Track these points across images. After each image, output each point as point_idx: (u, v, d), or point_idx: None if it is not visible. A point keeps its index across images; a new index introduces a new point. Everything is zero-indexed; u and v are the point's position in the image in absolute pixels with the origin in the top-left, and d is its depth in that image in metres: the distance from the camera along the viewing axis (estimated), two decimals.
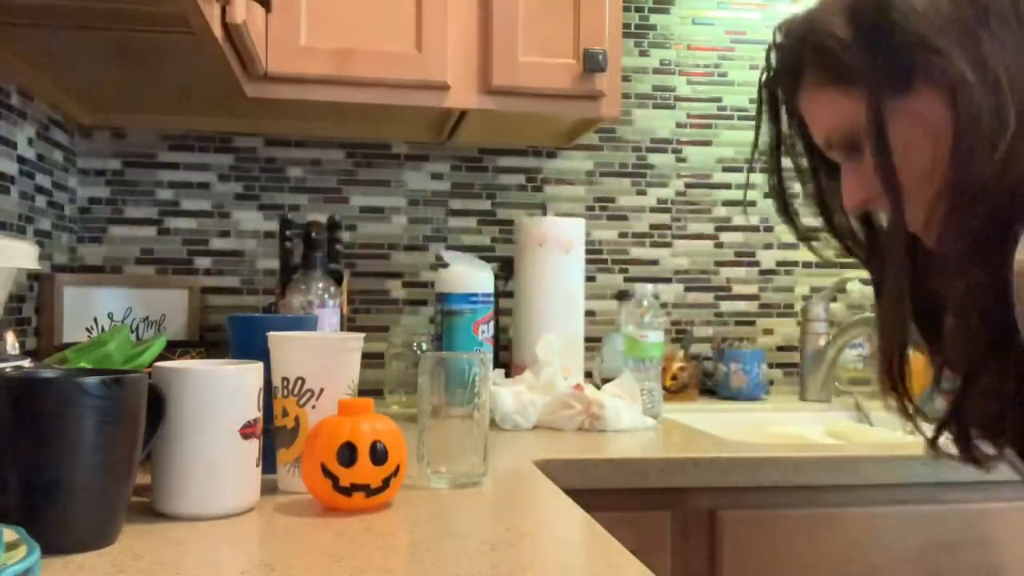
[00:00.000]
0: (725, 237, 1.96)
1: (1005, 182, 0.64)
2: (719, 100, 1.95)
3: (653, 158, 1.93)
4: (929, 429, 0.76)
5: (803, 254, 1.98)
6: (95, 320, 1.62)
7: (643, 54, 1.93)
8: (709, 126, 1.95)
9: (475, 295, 1.52)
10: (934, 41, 0.67)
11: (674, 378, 1.78)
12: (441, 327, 1.56)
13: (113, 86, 1.49)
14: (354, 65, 1.42)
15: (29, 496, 0.65)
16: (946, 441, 0.75)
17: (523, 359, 1.61)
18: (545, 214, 1.82)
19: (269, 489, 0.87)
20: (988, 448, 0.73)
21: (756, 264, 1.96)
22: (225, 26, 1.12)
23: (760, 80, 0.84)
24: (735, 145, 1.96)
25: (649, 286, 1.71)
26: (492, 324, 1.56)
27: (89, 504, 0.67)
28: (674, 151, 1.94)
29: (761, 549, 1.17)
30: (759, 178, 2.04)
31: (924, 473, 1.19)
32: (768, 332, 1.96)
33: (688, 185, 1.94)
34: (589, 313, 1.81)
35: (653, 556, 1.11)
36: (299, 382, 0.87)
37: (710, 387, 1.88)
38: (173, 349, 1.46)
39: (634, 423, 1.40)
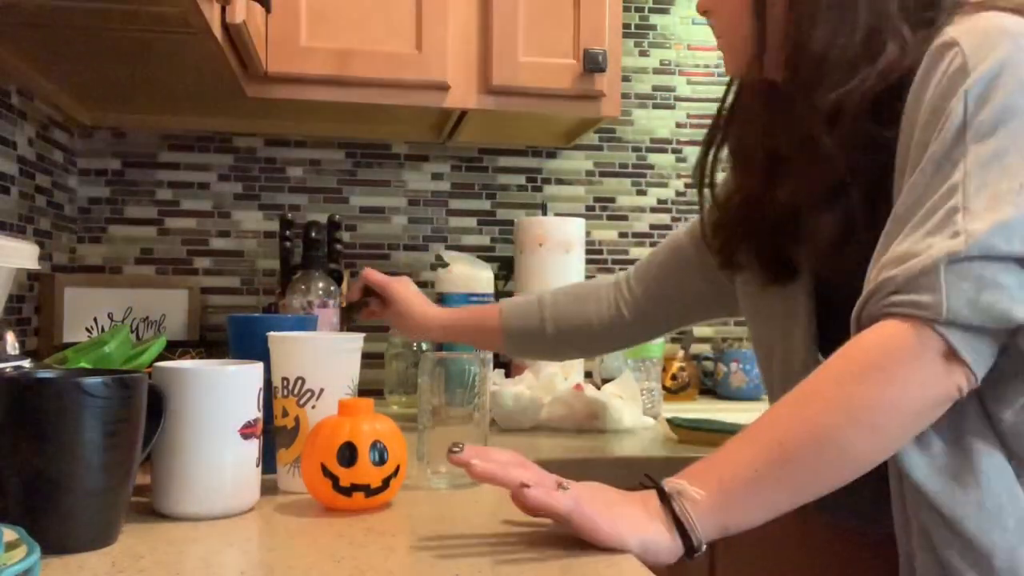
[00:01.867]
0: None
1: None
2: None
3: (653, 158, 1.93)
4: None
5: None
6: (95, 320, 1.62)
7: (643, 54, 1.93)
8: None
9: (475, 295, 1.52)
10: None
11: (674, 378, 1.78)
12: None
13: (113, 86, 1.49)
14: (354, 65, 1.42)
15: (29, 496, 0.65)
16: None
17: (523, 359, 1.61)
18: (545, 214, 1.81)
19: (269, 489, 0.87)
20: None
21: None
22: (225, 26, 1.12)
23: None
24: None
25: None
26: None
27: (89, 504, 0.67)
28: (674, 151, 1.94)
29: (761, 549, 1.17)
30: None
31: None
32: None
33: (688, 185, 1.94)
34: None
35: None
36: (299, 382, 0.87)
37: (710, 387, 1.88)
38: (173, 349, 1.46)
39: (634, 423, 1.40)
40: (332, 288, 1.46)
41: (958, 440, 0.72)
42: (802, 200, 0.85)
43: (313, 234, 1.48)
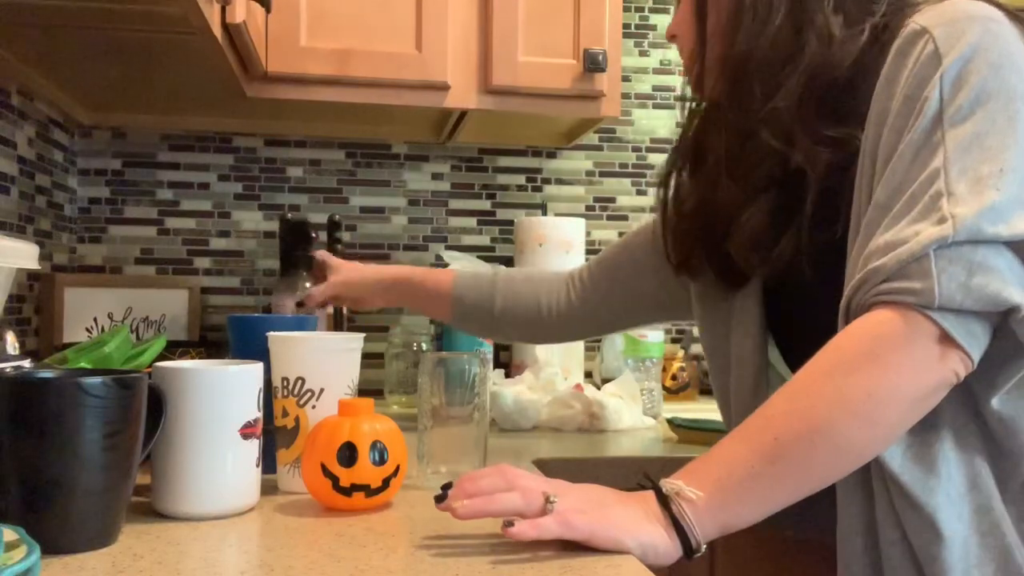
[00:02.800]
0: None
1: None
2: None
3: (653, 158, 1.93)
4: None
5: None
6: (95, 320, 1.62)
7: (643, 54, 1.93)
8: None
9: None
10: None
11: (674, 378, 1.78)
12: (441, 327, 1.56)
13: (113, 86, 1.49)
14: (354, 65, 1.42)
15: (29, 496, 0.65)
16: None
17: (523, 359, 1.61)
18: (545, 214, 1.81)
19: (269, 489, 0.87)
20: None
21: None
22: (225, 26, 1.12)
23: None
24: None
25: None
26: None
27: (89, 504, 0.67)
28: None
29: (761, 549, 1.17)
30: None
31: None
32: None
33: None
34: None
35: None
36: (299, 382, 0.87)
37: (710, 387, 1.87)
38: (173, 349, 1.46)
39: (634, 423, 1.40)
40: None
41: (934, 428, 0.72)
42: (738, 197, 0.86)
43: (314, 234, 1.47)
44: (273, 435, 0.89)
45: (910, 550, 0.72)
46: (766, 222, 0.83)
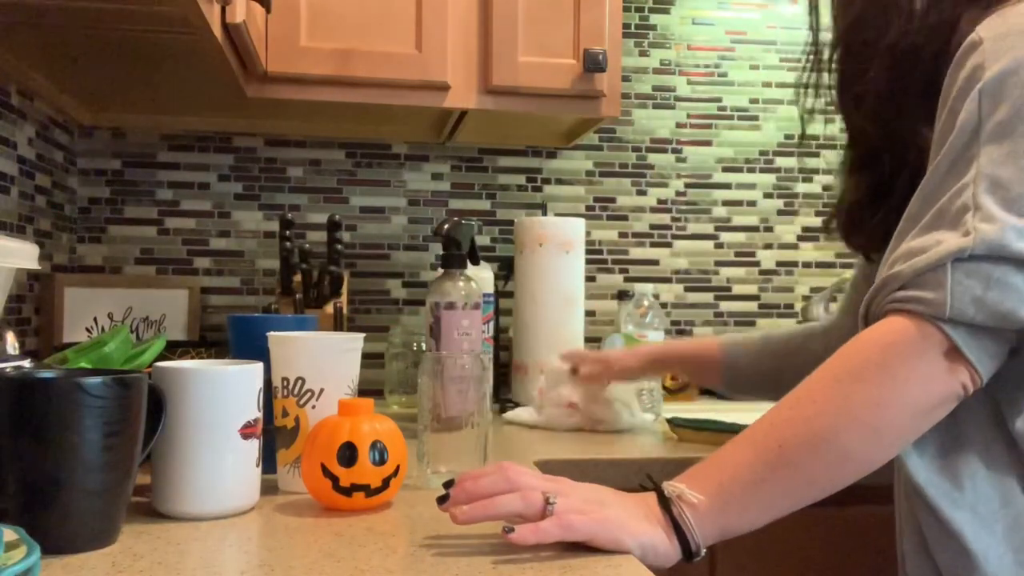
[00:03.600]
0: (725, 237, 1.96)
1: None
2: (719, 100, 1.95)
3: (653, 158, 1.93)
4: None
5: (803, 254, 1.98)
6: (95, 320, 1.62)
7: (643, 54, 1.93)
8: (709, 126, 1.95)
9: None
10: None
11: (674, 378, 1.78)
12: None
13: (113, 86, 1.49)
14: (354, 65, 1.42)
15: (29, 496, 0.65)
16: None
17: (523, 359, 1.61)
18: (545, 214, 1.81)
19: (269, 489, 0.87)
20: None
21: (756, 264, 1.97)
22: (225, 26, 1.12)
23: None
24: (735, 145, 1.96)
25: (649, 286, 1.71)
26: (492, 324, 1.56)
27: (89, 504, 0.67)
28: (674, 151, 1.94)
29: (760, 549, 1.17)
30: (759, 178, 2.03)
31: None
32: None
33: (688, 185, 1.94)
34: (589, 313, 1.81)
35: None
36: (299, 382, 0.87)
37: (710, 387, 1.87)
38: (173, 349, 1.46)
39: (634, 423, 1.40)
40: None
41: (960, 443, 0.71)
42: (846, 175, 0.92)
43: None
44: (273, 435, 0.89)
45: (926, 564, 0.72)
46: (862, 199, 0.89)
